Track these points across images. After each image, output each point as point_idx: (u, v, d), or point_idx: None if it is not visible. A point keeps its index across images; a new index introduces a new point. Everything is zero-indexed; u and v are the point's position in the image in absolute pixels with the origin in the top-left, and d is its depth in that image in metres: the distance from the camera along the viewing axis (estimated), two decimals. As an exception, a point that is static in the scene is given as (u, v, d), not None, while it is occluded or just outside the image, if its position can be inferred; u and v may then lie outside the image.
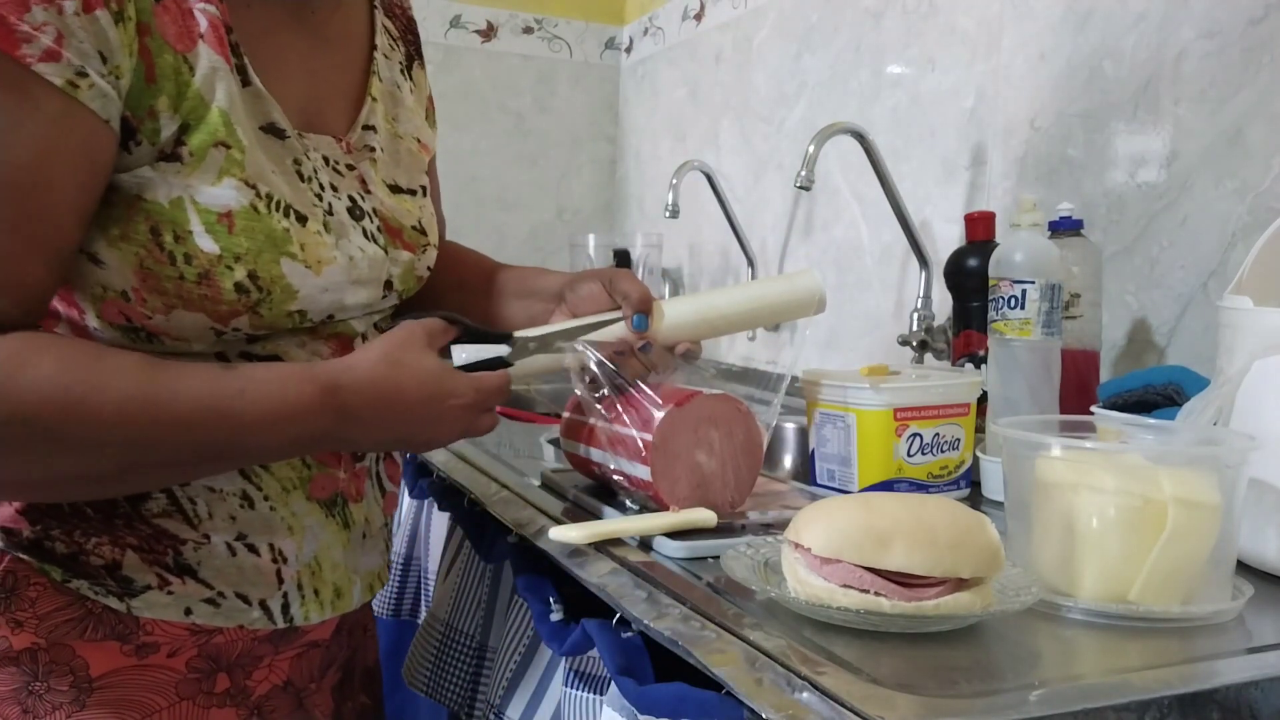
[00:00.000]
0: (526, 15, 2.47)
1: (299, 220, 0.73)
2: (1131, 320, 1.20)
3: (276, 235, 0.71)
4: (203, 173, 0.68)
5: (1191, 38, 1.14)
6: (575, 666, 0.74)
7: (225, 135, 0.69)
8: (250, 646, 0.79)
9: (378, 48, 0.87)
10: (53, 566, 0.72)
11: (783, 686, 0.53)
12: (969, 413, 0.98)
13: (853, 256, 1.71)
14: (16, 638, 0.72)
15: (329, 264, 0.75)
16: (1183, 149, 1.15)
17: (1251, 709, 0.55)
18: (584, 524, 0.79)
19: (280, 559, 0.79)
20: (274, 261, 0.71)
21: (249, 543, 0.77)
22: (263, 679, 0.81)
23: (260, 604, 0.78)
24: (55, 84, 0.62)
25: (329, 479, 0.82)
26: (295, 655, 0.83)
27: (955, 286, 1.28)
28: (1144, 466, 0.67)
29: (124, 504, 0.73)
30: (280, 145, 0.75)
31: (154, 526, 0.74)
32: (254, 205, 0.70)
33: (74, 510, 0.72)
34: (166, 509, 0.74)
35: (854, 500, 0.68)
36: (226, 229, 0.69)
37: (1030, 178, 1.35)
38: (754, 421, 0.87)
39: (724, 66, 2.12)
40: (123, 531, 0.73)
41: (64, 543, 0.72)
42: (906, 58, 1.59)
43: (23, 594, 0.72)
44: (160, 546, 0.74)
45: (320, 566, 0.81)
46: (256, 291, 0.71)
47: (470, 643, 0.98)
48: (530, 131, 2.47)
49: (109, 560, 0.73)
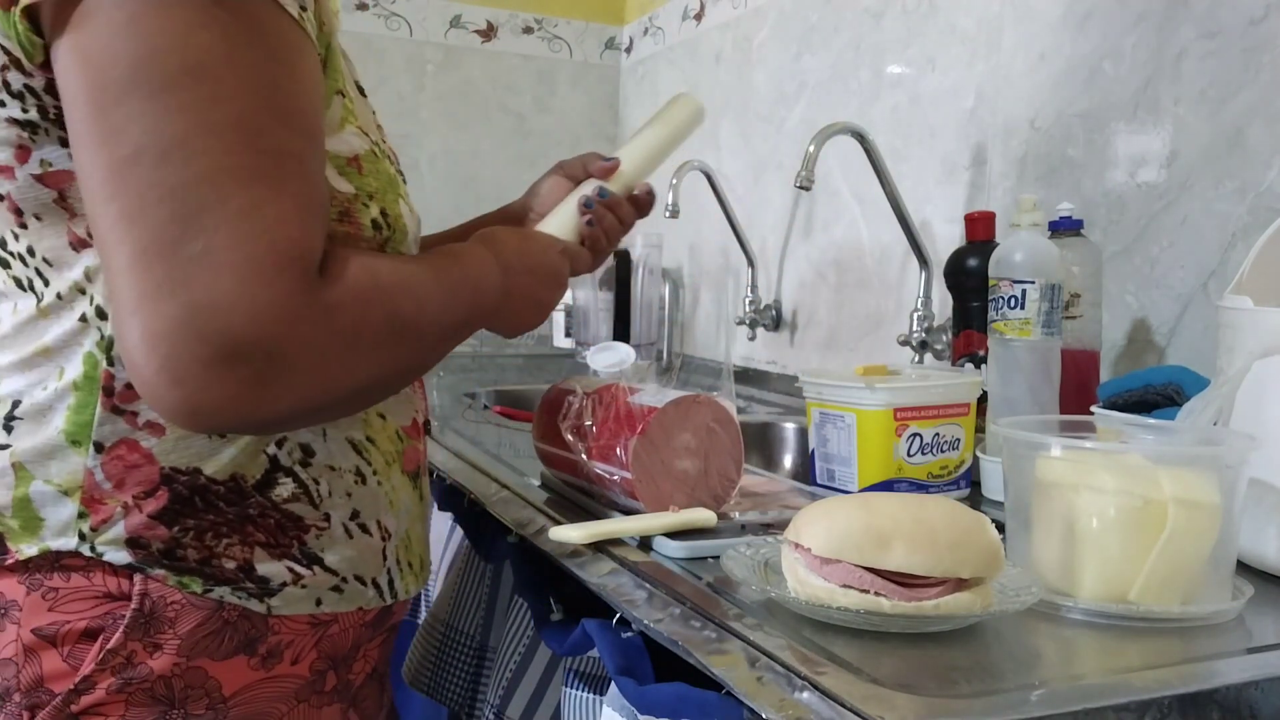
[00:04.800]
0: (526, 15, 2.47)
1: (399, 171, 0.78)
2: (1131, 320, 1.20)
3: (392, 178, 0.74)
4: (329, 120, 0.69)
5: (1191, 38, 1.14)
6: (575, 666, 0.74)
7: (342, 83, 0.71)
8: (359, 634, 0.78)
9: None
10: (191, 578, 0.68)
11: (783, 686, 0.53)
12: (969, 413, 0.98)
13: (853, 256, 1.71)
14: (156, 662, 0.67)
15: (414, 213, 0.78)
16: (1183, 149, 1.15)
17: (1251, 709, 0.55)
18: (584, 524, 0.79)
19: (385, 535, 0.78)
20: (394, 202, 0.73)
21: (361, 522, 0.75)
22: (360, 670, 0.80)
23: (373, 582, 0.76)
24: (291, 14, 0.62)
25: (414, 451, 0.83)
26: (383, 640, 0.83)
27: (955, 286, 1.28)
28: (1144, 466, 0.67)
29: (255, 493, 0.70)
30: (364, 102, 0.78)
31: (283, 512, 0.71)
32: (373, 150, 0.73)
33: (208, 506, 0.68)
34: (294, 492, 0.71)
35: (854, 500, 0.68)
36: (357, 170, 0.70)
37: (1030, 178, 1.35)
38: (721, 408, 0.87)
39: (724, 66, 2.12)
40: (252, 527, 0.70)
41: (195, 548, 0.68)
42: (906, 58, 1.59)
43: (162, 615, 0.67)
44: (286, 538, 0.71)
45: (410, 540, 0.82)
46: (387, 229, 0.72)
47: (470, 643, 0.98)
48: (530, 131, 2.47)
49: (240, 561, 0.69)
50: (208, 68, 0.57)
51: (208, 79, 0.57)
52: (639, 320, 2.11)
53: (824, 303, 1.79)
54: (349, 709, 0.80)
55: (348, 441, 0.75)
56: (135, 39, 0.56)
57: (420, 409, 0.86)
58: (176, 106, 0.56)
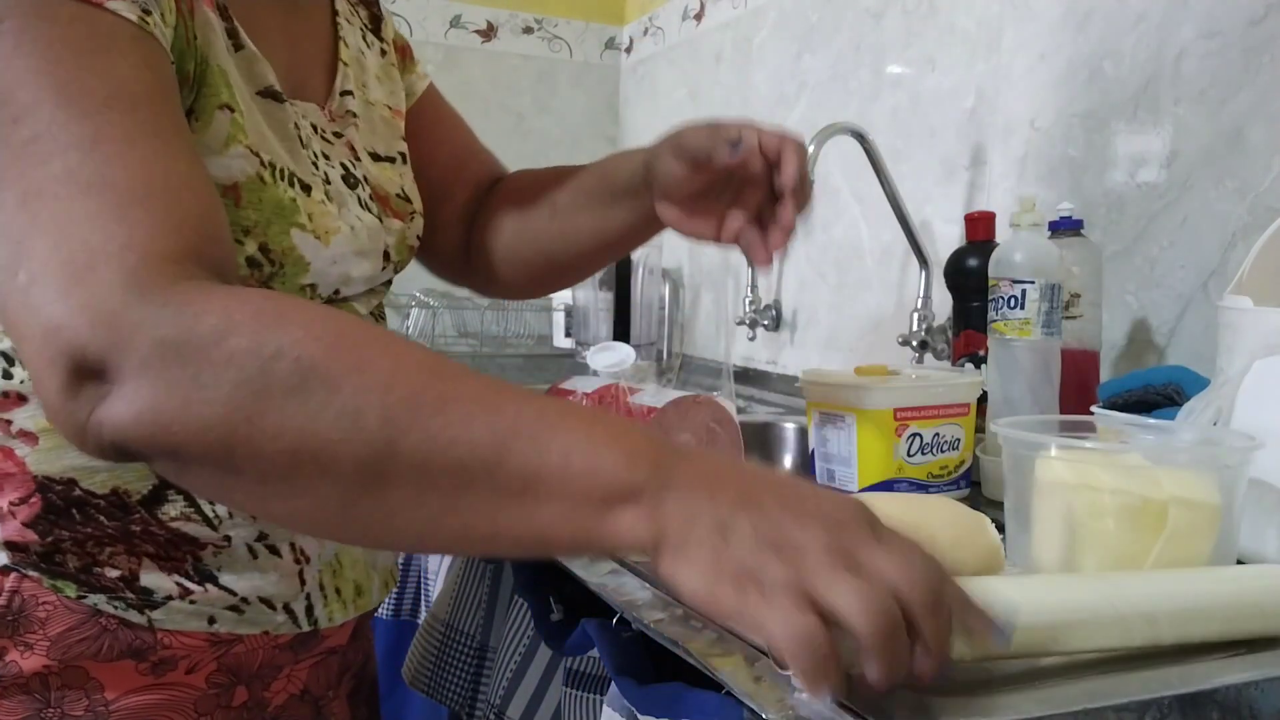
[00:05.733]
0: (526, 15, 2.47)
1: (304, 190, 0.70)
2: (1131, 320, 1.20)
3: (284, 205, 0.68)
4: (211, 139, 0.65)
5: (1191, 38, 1.14)
6: (575, 666, 0.74)
7: (227, 97, 0.66)
8: (271, 655, 0.75)
9: (339, 13, 0.85)
10: (65, 582, 0.67)
11: (783, 686, 0.53)
12: (969, 413, 0.98)
13: (853, 256, 1.71)
14: (26, 661, 0.66)
15: (335, 234, 0.72)
16: (1183, 149, 1.15)
17: (1251, 709, 0.55)
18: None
19: (302, 558, 0.75)
20: (284, 233, 0.68)
21: (270, 543, 0.73)
22: (280, 689, 0.77)
23: (285, 608, 0.74)
24: (130, 19, 0.58)
25: None
26: (314, 663, 0.80)
27: (955, 286, 1.28)
28: (1144, 466, 0.67)
29: (139, 509, 0.68)
30: (279, 110, 0.72)
31: (171, 531, 0.69)
32: (260, 175, 0.67)
33: (86, 518, 0.67)
34: (185, 511, 0.69)
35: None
36: (234, 202, 0.66)
37: (1030, 178, 1.35)
38: (720, 408, 0.86)
39: (724, 66, 2.12)
40: (138, 540, 0.68)
41: (76, 555, 0.67)
42: (906, 58, 1.59)
43: (31, 615, 0.67)
44: (179, 553, 0.69)
45: (341, 564, 0.78)
46: (269, 265, 0.68)
47: (470, 643, 0.98)
48: (530, 131, 2.47)
49: (125, 571, 0.68)
50: (10, 92, 0.54)
51: (10, 104, 0.54)
52: (639, 320, 2.11)
53: (824, 303, 1.79)
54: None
55: None
56: None
57: None
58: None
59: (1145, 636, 0.56)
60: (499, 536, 0.49)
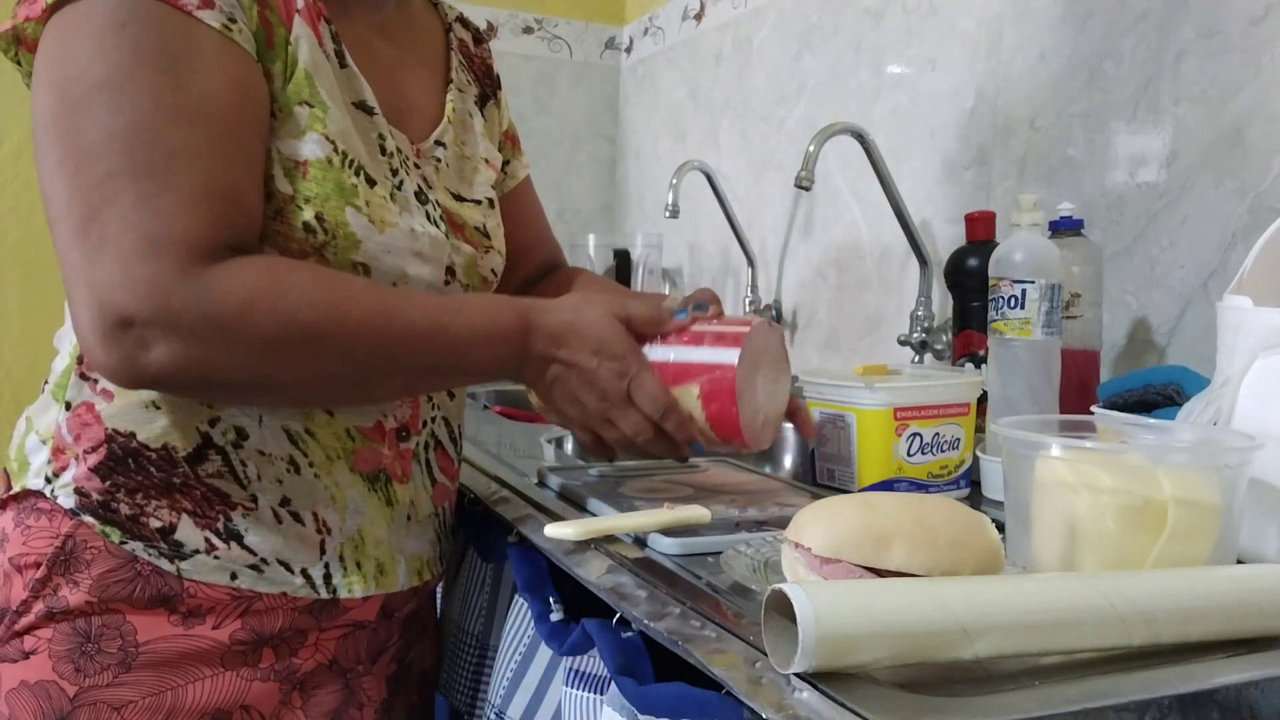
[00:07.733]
0: (526, 15, 2.47)
1: (368, 182, 0.80)
2: (1131, 320, 1.20)
3: (345, 186, 0.78)
4: (289, 127, 0.77)
5: (1191, 38, 1.14)
6: (575, 666, 0.74)
7: (309, 95, 0.77)
8: (292, 619, 0.83)
9: (453, 81, 0.97)
10: (113, 528, 0.77)
11: (783, 686, 0.53)
12: (969, 413, 0.98)
13: (853, 256, 1.71)
14: (73, 596, 0.77)
15: (391, 227, 0.81)
16: (1183, 149, 1.15)
17: (1251, 709, 0.55)
18: (578, 521, 0.79)
19: (324, 529, 0.83)
20: (339, 208, 0.77)
21: (293, 510, 0.81)
22: (308, 657, 0.85)
23: (302, 572, 0.82)
24: (214, 27, 0.71)
25: (372, 453, 0.85)
26: (341, 635, 0.86)
27: (955, 286, 1.28)
28: (1144, 466, 0.67)
29: (184, 464, 0.79)
30: (368, 121, 0.83)
31: (207, 486, 0.79)
32: (329, 158, 0.77)
33: (139, 468, 0.78)
34: (220, 469, 0.79)
35: (854, 500, 0.68)
36: (301, 175, 0.77)
37: (1030, 178, 1.35)
38: (783, 347, 0.89)
39: (724, 66, 2.12)
40: (179, 494, 0.78)
41: (128, 504, 0.78)
42: (906, 58, 1.59)
43: (80, 556, 0.77)
44: (213, 511, 0.79)
45: (363, 540, 0.85)
46: (322, 234, 0.77)
47: (473, 641, 0.98)
48: (530, 131, 2.47)
49: (166, 524, 0.78)
50: (113, 83, 0.68)
51: (111, 92, 0.68)
52: (639, 320, 2.10)
53: (824, 302, 1.79)
54: (293, 691, 0.84)
55: (284, 430, 0.81)
56: (61, 64, 0.70)
57: (395, 414, 0.87)
58: (87, 118, 0.68)
59: (1145, 636, 0.57)
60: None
